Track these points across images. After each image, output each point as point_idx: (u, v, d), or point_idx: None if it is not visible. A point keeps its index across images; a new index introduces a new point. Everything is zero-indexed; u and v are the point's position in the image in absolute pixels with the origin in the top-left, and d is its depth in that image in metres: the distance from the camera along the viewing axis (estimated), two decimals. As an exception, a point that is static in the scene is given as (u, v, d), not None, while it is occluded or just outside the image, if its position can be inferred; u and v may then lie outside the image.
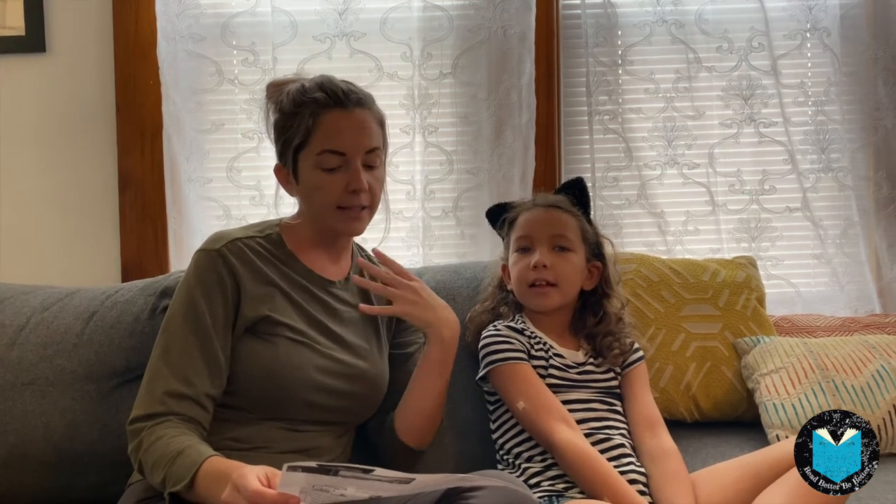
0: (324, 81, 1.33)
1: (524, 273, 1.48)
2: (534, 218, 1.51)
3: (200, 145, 2.04)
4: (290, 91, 1.33)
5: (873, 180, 2.11)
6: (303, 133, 1.30)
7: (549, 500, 1.31)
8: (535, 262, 1.46)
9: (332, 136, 1.30)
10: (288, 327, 1.30)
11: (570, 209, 1.54)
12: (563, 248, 1.48)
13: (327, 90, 1.31)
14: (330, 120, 1.30)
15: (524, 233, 1.50)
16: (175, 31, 2.00)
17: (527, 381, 1.40)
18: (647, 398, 1.48)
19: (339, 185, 1.30)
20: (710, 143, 2.11)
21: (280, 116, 1.34)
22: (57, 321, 1.59)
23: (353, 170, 1.30)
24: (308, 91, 1.31)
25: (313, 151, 1.30)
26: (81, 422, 1.52)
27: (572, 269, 1.49)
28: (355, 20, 2.04)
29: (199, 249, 1.32)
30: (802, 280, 2.13)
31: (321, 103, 1.30)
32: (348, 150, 1.30)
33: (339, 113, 1.30)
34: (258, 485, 1.00)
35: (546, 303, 1.48)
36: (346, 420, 1.38)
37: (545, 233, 1.49)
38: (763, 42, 2.08)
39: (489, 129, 2.05)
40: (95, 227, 2.03)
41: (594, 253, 1.54)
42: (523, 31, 2.03)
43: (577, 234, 1.51)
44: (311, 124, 1.30)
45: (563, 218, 1.51)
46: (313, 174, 1.31)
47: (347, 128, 1.30)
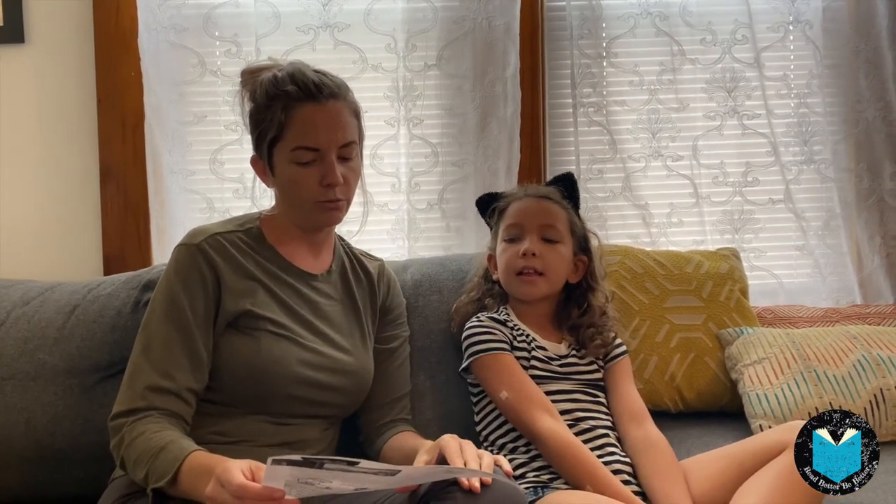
0: (295, 73, 1.30)
1: (512, 261, 1.48)
2: (524, 207, 1.52)
3: (183, 137, 2.02)
4: (263, 81, 1.31)
5: (854, 172, 2.13)
6: (276, 127, 1.29)
7: (535, 491, 1.31)
8: (524, 249, 1.46)
9: (305, 131, 1.28)
10: (270, 321, 1.30)
11: (560, 201, 1.55)
12: (552, 239, 1.49)
13: (299, 83, 1.28)
14: (303, 115, 1.28)
15: (514, 221, 1.51)
16: (157, 21, 1.97)
17: (509, 371, 1.41)
18: (631, 391, 1.49)
19: (314, 179, 1.30)
20: (693, 135, 2.11)
21: (254, 108, 1.32)
22: (38, 315, 1.58)
23: (328, 164, 1.29)
24: (280, 83, 1.29)
25: (287, 147, 1.29)
26: (63, 417, 1.50)
27: (560, 260, 1.49)
28: (339, 11, 2.02)
29: (178, 244, 1.32)
30: (785, 271, 2.15)
31: (293, 97, 1.28)
32: (322, 145, 1.29)
33: (311, 107, 1.28)
34: (242, 479, 0.99)
35: (532, 291, 1.48)
36: (331, 414, 1.37)
37: (535, 222, 1.49)
38: (746, 34, 2.09)
39: (474, 121, 2.05)
40: (77, 220, 2.01)
41: (581, 247, 1.55)
42: (508, 23, 2.03)
43: (565, 227, 1.52)
44: (283, 119, 1.28)
45: (554, 209, 1.52)
46: (288, 168, 1.30)
47: (321, 123, 1.29)
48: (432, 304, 1.64)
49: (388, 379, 1.45)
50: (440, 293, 1.65)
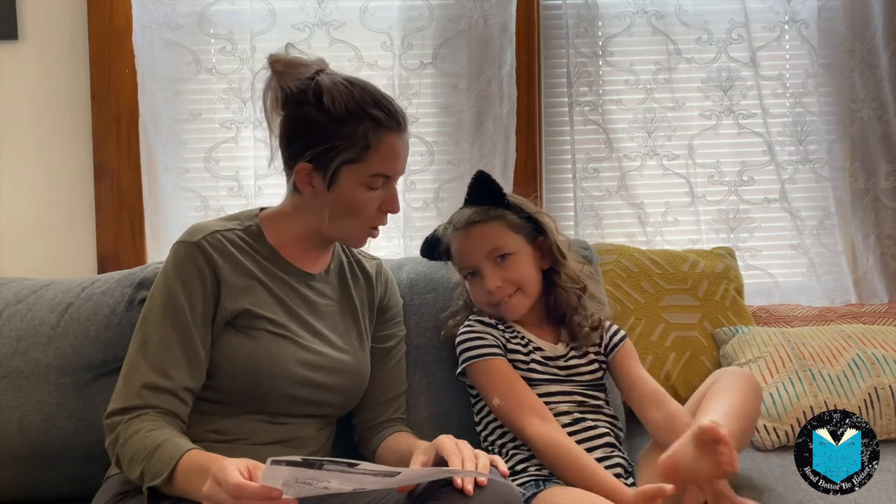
0: (377, 96, 1.28)
1: (484, 298, 1.48)
2: (460, 247, 1.48)
3: (177, 135, 2.01)
4: (336, 90, 1.25)
5: (849, 171, 2.14)
6: (359, 150, 1.26)
7: (536, 484, 1.31)
8: (487, 288, 1.45)
9: (389, 160, 1.28)
10: (269, 321, 1.29)
11: (489, 215, 1.47)
12: (503, 254, 1.46)
13: (385, 109, 1.27)
14: (389, 143, 1.28)
15: (463, 263, 1.49)
16: (151, 18, 1.96)
17: (500, 376, 1.40)
18: (641, 373, 1.46)
19: (376, 204, 1.31)
20: (689, 134, 2.12)
21: (322, 118, 1.25)
22: (31, 313, 1.57)
23: (393, 193, 1.32)
24: (362, 102, 1.26)
25: (367, 171, 1.27)
26: (57, 415, 1.49)
27: (523, 268, 1.47)
28: (335, 9, 2.02)
29: (177, 241, 1.30)
30: (780, 270, 2.15)
31: (382, 124, 1.27)
32: (396, 174, 1.31)
33: (396, 136, 1.29)
34: (239, 477, 0.99)
35: (516, 312, 1.48)
36: (328, 413, 1.37)
37: (478, 254, 1.46)
38: (742, 34, 2.09)
39: (470, 119, 2.04)
40: (70, 218, 2.00)
41: (534, 231, 1.49)
42: (504, 22, 2.03)
43: (507, 235, 1.46)
44: (371, 142, 1.26)
45: (486, 230, 1.46)
46: (357, 191, 1.28)
47: (401, 153, 1.31)
48: (427, 302, 1.64)
49: (384, 378, 1.45)
50: (435, 292, 1.65)
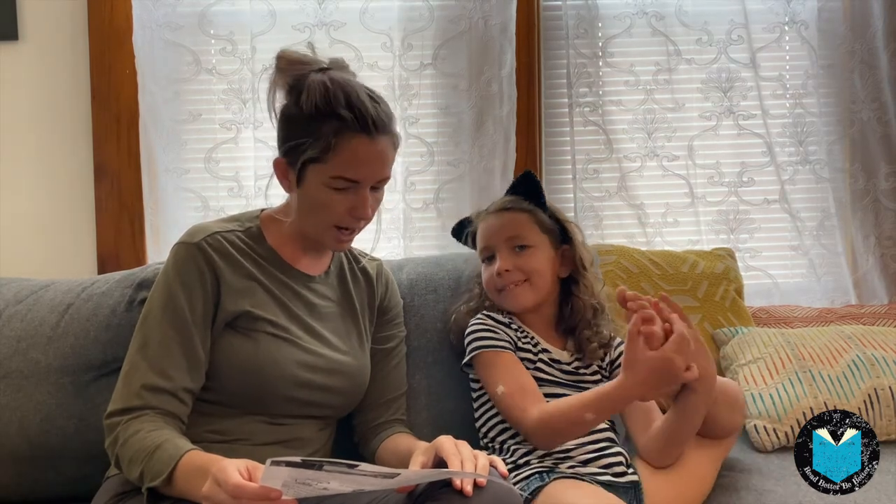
0: (352, 96, 1.22)
1: (491, 281, 1.49)
2: (488, 227, 1.52)
3: (178, 135, 2.01)
4: (313, 87, 1.23)
5: (849, 172, 2.14)
6: (321, 149, 1.23)
7: (541, 477, 1.31)
8: (497, 269, 1.47)
9: (351, 164, 1.23)
10: (269, 322, 1.29)
11: (521, 206, 1.52)
12: (523, 245, 1.49)
13: (356, 110, 1.21)
14: (353, 146, 1.22)
15: (484, 244, 1.52)
16: (151, 19, 1.96)
17: (508, 367, 1.40)
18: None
19: (343, 207, 1.26)
20: (689, 135, 2.12)
21: (296, 113, 1.25)
22: (31, 314, 1.57)
23: (362, 198, 1.26)
24: (334, 102, 1.22)
25: (327, 172, 1.24)
26: (57, 416, 1.49)
27: (538, 262, 1.48)
28: (335, 9, 2.02)
29: (177, 242, 1.30)
30: (780, 271, 2.15)
31: (347, 125, 1.22)
32: (363, 179, 1.25)
33: (362, 140, 1.23)
34: (239, 478, 0.99)
35: (519, 302, 1.48)
36: (328, 414, 1.37)
37: (501, 237, 1.49)
38: (742, 35, 2.09)
39: (470, 120, 2.04)
40: (71, 219, 2.00)
41: (561, 239, 1.53)
42: (504, 22, 2.03)
43: (533, 229, 1.50)
44: (331, 143, 1.22)
45: (516, 218, 1.51)
46: (320, 190, 1.26)
47: (368, 159, 1.24)
48: (428, 303, 1.64)
49: (384, 379, 1.45)
50: (436, 293, 1.65)
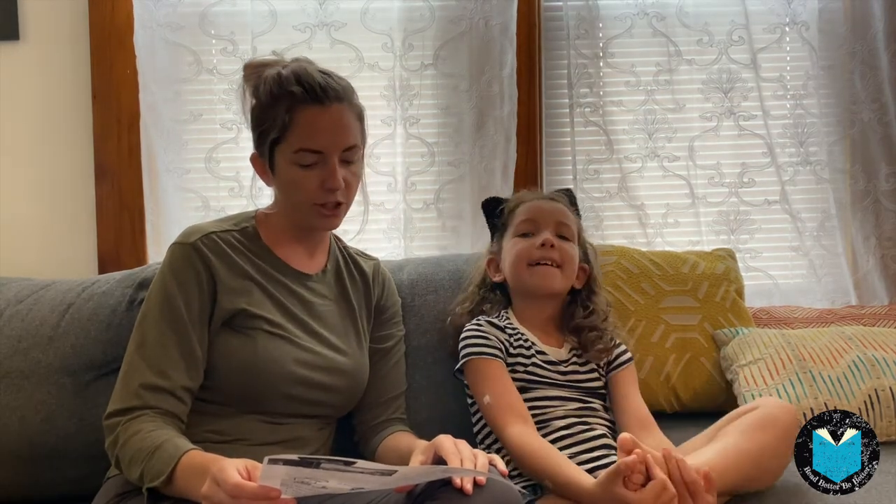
0: (301, 72, 1.28)
1: (527, 251, 1.47)
2: (539, 206, 1.54)
3: (178, 135, 2.01)
4: (268, 79, 1.29)
5: (850, 173, 2.14)
6: (279, 128, 1.27)
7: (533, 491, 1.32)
8: (542, 240, 1.46)
9: (308, 134, 1.27)
10: (265, 321, 1.29)
11: (567, 202, 1.58)
12: (566, 236, 1.51)
13: (304, 84, 1.26)
14: (307, 117, 1.27)
15: (529, 216, 1.51)
16: (152, 19, 1.97)
17: (495, 377, 1.40)
18: (637, 399, 1.47)
19: (314, 182, 1.28)
20: (690, 135, 2.12)
21: (257, 105, 1.31)
22: (32, 313, 1.57)
23: (330, 168, 1.28)
24: (285, 82, 1.27)
25: (290, 148, 1.28)
26: (57, 415, 1.50)
27: (573, 258, 1.50)
28: (336, 10, 2.02)
29: (173, 243, 1.31)
30: (780, 272, 2.15)
31: (298, 98, 1.26)
32: (325, 148, 1.28)
33: (316, 110, 1.27)
34: (238, 478, 0.99)
35: (548, 283, 1.47)
36: (327, 413, 1.37)
37: (551, 219, 1.51)
38: (743, 35, 2.09)
39: (471, 120, 2.05)
40: (71, 218, 2.00)
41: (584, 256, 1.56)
42: (505, 23, 2.03)
43: (575, 230, 1.54)
44: (287, 120, 1.26)
45: (566, 211, 1.55)
46: (290, 170, 1.29)
47: (325, 126, 1.27)
48: (428, 303, 1.64)
49: (383, 378, 1.45)
50: (436, 293, 1.65)
